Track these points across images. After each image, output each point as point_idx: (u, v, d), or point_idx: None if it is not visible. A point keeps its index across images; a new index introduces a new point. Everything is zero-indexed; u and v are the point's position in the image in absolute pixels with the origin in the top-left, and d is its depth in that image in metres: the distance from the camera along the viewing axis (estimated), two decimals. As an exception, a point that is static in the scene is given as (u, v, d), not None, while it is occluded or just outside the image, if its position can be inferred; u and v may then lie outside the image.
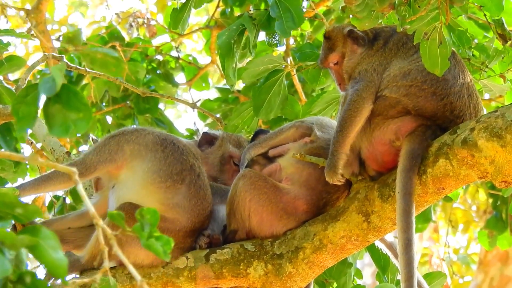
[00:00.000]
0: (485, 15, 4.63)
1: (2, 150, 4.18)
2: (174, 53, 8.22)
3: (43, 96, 2.62)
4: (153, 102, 7.71)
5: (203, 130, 5.65)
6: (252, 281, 4.42)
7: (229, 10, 7.38)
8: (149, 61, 8.07)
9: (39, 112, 2.65)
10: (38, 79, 5.63)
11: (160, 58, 8.16)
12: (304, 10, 5.50)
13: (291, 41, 7.41)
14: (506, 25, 4.68)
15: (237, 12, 7.28)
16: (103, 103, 7.83)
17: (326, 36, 4.66)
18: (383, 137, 4.28)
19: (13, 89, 4.55)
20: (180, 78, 11.58)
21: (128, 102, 7.82)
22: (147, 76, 7.95)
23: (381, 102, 4.29)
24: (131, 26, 8.39)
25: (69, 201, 6.29)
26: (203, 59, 11.45)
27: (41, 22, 7.91)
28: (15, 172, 5.29)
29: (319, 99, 5.64)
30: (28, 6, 9.18)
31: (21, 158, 2.65)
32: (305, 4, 5.97)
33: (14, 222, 3.34)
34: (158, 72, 8.07)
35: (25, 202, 2.58)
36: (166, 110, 12.84)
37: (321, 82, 5.77)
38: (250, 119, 5.93)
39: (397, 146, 4.24)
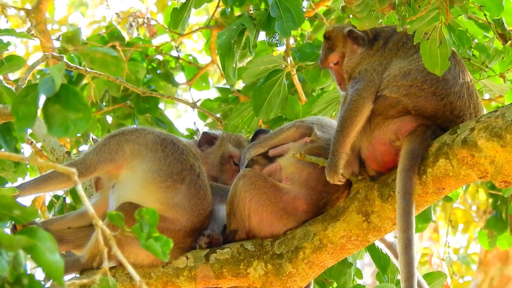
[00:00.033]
0: (485, 15, 4.62)
1: (2, 150, 4.18)
2: (174, 53, 8.21)
3: (43, 96, 2.62)
4: (153, 102, 7.70)
5: (203, 130, 5.65)
6: (252, 281, 4.42)
7: (229, 10, 7.37)
8: (149, 61, 8.06)
9: (39, 112, 2.65)
10: (38, 79, 5.63)
11: (160, 58, 8.14)
12: (304, 10, 5.50)
13: (291, 41, 7.40)
14: (506, 25, 4.67)
15: (237, 12, 7.27)
16: (103, 103, 7.82)
17: (326, 36, 4.66)
18: (383, 137, 4.27)
19: (13, 88, 4.55)
20: (180, 78, 11.56)
21: (128, 102, 7.80)
22: (147, 76, 7.94)
23: (381, 102, 4.29)
24: (131, 26, 8.38)
25: (69, 200, 6.29)
26: (203, 59, 11.44)
27: (41, 21, 7.90)
28: (15, 171, 5.28)
29: (319, 99, 5.63)
30: (28, 6, 9.18)
31: (20, 159, 2.64)
32: (305, 4, 5.96)
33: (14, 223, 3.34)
34: (158, 72, 8.06)
35: (22, 203, 2.57)
36: (166, 110, 12.83)
37: (321, 82, 5.76)
38: (250, 119, 5.92)
39: (397, 146, 4.24)
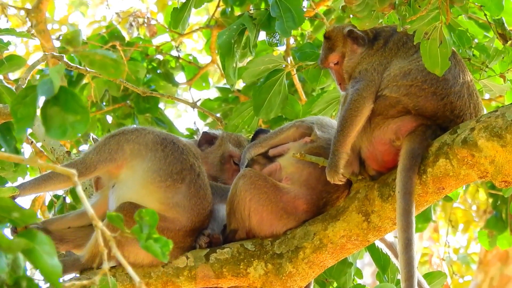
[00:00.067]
0: (485, 15, 4.62)
1: (2, 150, 4.18)
2: (174, 52, 8.21)
3: (42, 97, 2.61)
4: (153, 102, 7.70)
5: (203, 129, 5.65)
6: (252, 280, 4.42)
7: (229, 9, 7.38)
8: (149, 60, 8.06)
9: (38, 112, 2.64)
10: (38, 79, 5.63)
11: (160, 57, 8.15)
12: (304, 10, 5.50)
13: (292, 40, 7.41)
14: (506, 24, 4.67)
15: (237, 11, 7.27)
16: (103, 103, 7.82)
17: (326, 36, 4.66)
18: (383, 136, 4.27)
19: (13, 88, 4.55)
20: (180, 77, 11.56)
21: (128, 102, 7.81)
22: (147, 75, 7.94)
23: (381, 102, 4.29)
24: (131, 25, 8.38)
25: (69, 200, 6.29)
26: (203, 59, 11.45)
27: (41, 21, 7.90)
28: (15, 171, 5.28)
29: (319, 99, 5.63)
30: (28, 6, 9.18)
31: (20, 160, 2.64)
32: (305, 3, 5.96)
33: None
34: (158, 71, 8.06)
35: (21, 205, 2.57)
36: (166, 109, 12.83)
37: (321, 82, 5.76)
38: (250, 119, 5.92)
39: (397, 146, 4.23)
